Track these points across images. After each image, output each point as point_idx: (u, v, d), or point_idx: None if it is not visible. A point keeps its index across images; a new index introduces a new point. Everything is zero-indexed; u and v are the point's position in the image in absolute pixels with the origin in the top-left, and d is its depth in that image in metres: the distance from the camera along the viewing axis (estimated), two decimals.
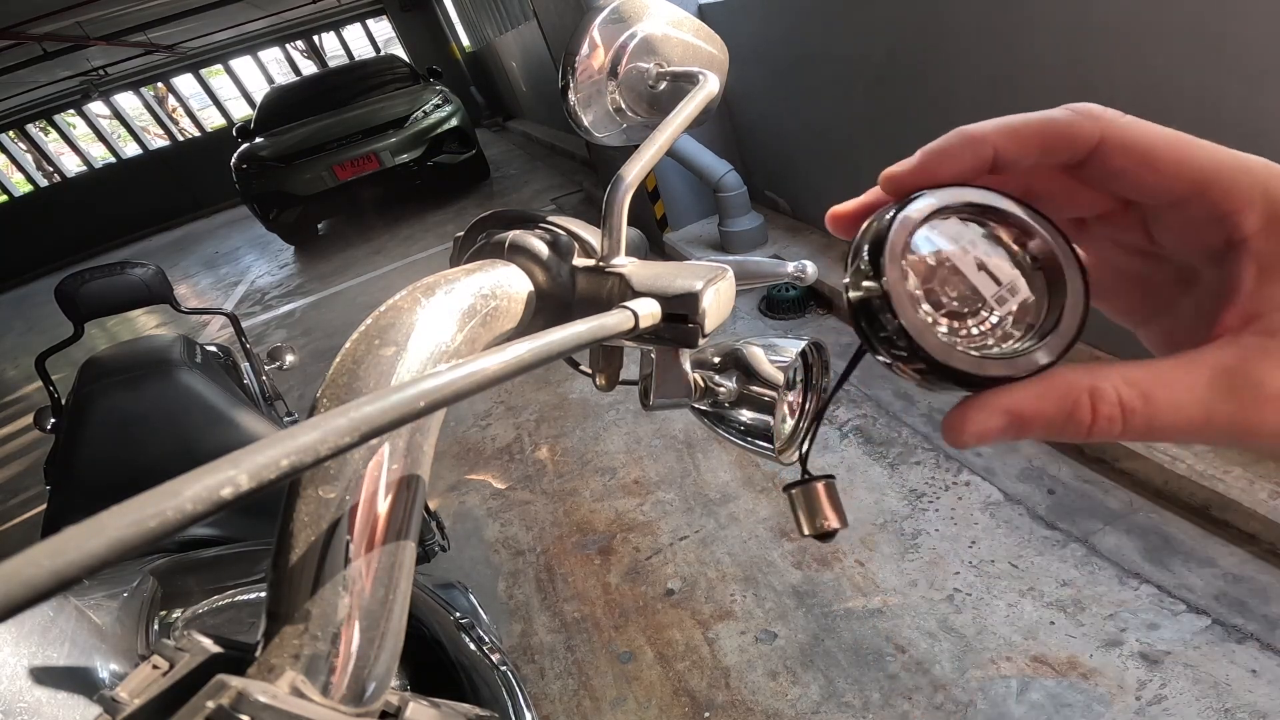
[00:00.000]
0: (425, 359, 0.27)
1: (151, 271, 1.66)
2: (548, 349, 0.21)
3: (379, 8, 11.54)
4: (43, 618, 0.41)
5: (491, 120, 10.50)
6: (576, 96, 0.37)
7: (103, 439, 1.13)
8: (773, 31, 2.65)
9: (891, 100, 2.17)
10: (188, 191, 11.41)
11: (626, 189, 0.32)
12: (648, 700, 1.45)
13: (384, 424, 0.16)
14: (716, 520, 1.82)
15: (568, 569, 1.84)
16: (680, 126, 0.34)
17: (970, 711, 1.25)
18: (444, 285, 0.30)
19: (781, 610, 1.54)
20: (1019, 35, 1.60)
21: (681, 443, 2.15)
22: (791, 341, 0.34)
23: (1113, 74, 1.42)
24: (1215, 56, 1.22)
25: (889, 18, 2.01)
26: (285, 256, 6.62)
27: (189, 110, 11.99)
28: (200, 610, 0.56)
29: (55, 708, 0.36)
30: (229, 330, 3.98)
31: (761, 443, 0.34)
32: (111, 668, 0.42)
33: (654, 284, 0.30)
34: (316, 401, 0.26)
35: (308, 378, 3.52)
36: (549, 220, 0.35)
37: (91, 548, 0.12)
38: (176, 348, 1.32)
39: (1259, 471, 1.37)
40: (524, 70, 7.70)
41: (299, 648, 0.22)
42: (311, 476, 0.24)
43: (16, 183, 11.36)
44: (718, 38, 0.43)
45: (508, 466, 2.35)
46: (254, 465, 0.14)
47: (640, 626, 1.61)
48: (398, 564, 0.24)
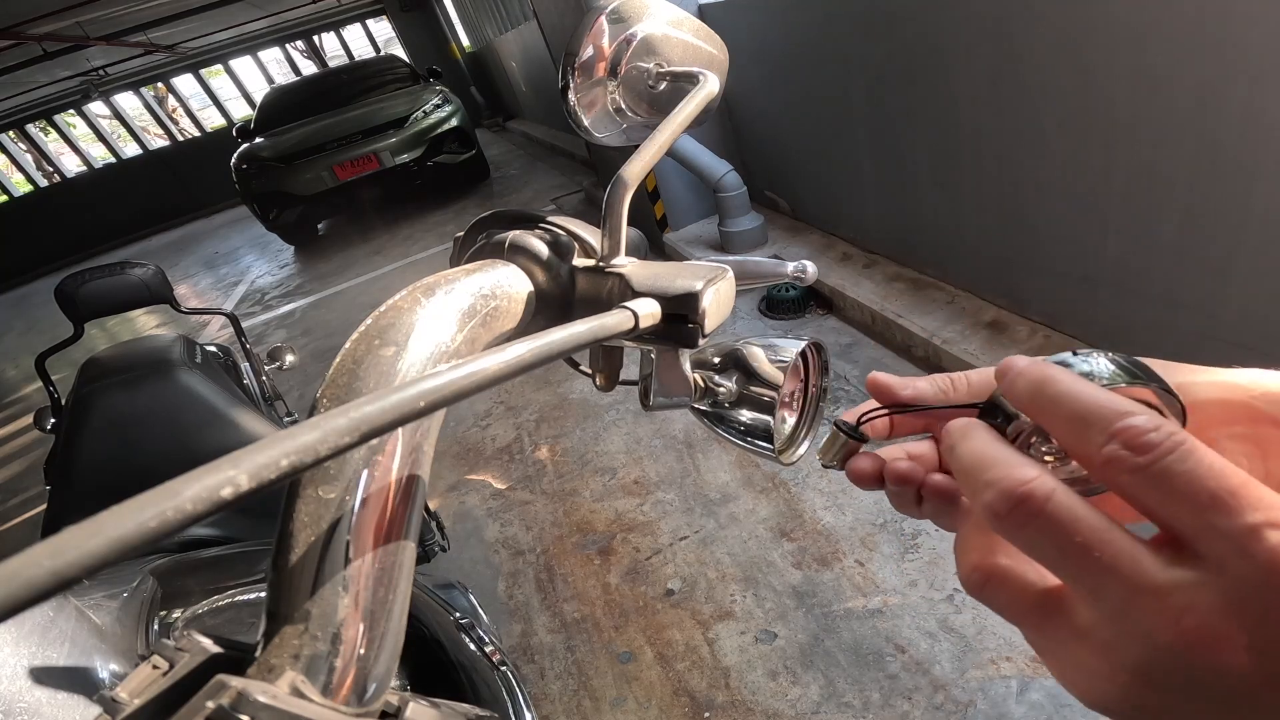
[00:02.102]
0: (425, 359, 0.27)
1: (151, 271, 1.65)
2: (548, 349, 0.21)
3: (379, 8, 11.54)
4: (43, 618, 0.41)
5: (491, 120, 10.50)
6: (576, 96, 0.37)
7: (103, 439, 1.13)
8: (773, 31, 2.65)
9: (891, 100, 2.17)
10: (188, 191, 11.40)
11: (626, 189, 0.32)
12: (648, 700, 1.45)
13: (384, 424, 0.16)
14: (716, 520, 1.82)
15: (568, 569, 1.84)
16: (680, 126, 0.34)
17: (970, 711, 1.25)
18: (444, 285, 0.30)
19: (781, 610, 1.54)
20: (1019, 35, 1.60)
21: (681, 443, 2.15)
22: (791, 341, 0.34)
23: (1113, 74, 1.42)
24: (1215, 56, 1.22)
25: (889, 18, 2.01)
26: (285, 256, 6.62)
27: (189, 110, 11.98)
28: (200, 610, 0.56)
29: (55, 708, 0.36)
30: (229, 330, 3.98)
31: (761, 443, 0.34)
32: (111, 668, 0.42)
33: (654, 284, 0.30)
34: (316, 401, 0.26)
35: (308, 378, 3.52)
36: (549, 220, 0.35)
37: (91, 548, 0.12)
38: (176, 348, 1.32)
39: None
40: (524, 70, 7.70)
41: (299, 648, 0.22)
42: (311, 476, 0.24)
43: (16, 183, 11.35)
44: (718, 38, 0.43)
45: (508, 466, 2.35)
46: (254, 465, 0.14)
47: (640, 626, 1.61)
48: (398, 564, 0.24)
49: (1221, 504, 0.16)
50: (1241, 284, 1.37)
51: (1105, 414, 0.18)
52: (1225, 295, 1.41)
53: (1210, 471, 0.17)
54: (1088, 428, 0.19)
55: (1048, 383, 0.20)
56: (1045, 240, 1.81)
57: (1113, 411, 0.18)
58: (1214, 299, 1.44)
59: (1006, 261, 2.00)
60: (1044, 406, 0.20)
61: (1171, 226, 1.45)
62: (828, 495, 1.77)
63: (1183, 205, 1.40)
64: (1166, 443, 0.17)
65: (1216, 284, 1.42)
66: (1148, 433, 0.17)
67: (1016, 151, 1.77)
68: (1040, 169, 1.72)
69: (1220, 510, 0.16)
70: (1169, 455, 0.17)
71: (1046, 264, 1.84)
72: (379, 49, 12.07)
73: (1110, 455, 0.18)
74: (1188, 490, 0.17)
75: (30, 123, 10.97)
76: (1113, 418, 0.18)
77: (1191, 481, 0.17)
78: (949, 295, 2.27)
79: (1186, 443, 0.17)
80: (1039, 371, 0.21)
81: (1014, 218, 1.89)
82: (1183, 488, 0.17)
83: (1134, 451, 0.17)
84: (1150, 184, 1.45)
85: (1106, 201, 1.57)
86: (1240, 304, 1.39)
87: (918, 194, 2.26)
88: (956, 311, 2.18)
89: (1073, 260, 1.75)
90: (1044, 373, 0.20)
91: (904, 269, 2.51)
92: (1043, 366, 0.21)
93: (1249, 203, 1.28)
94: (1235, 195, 1.29)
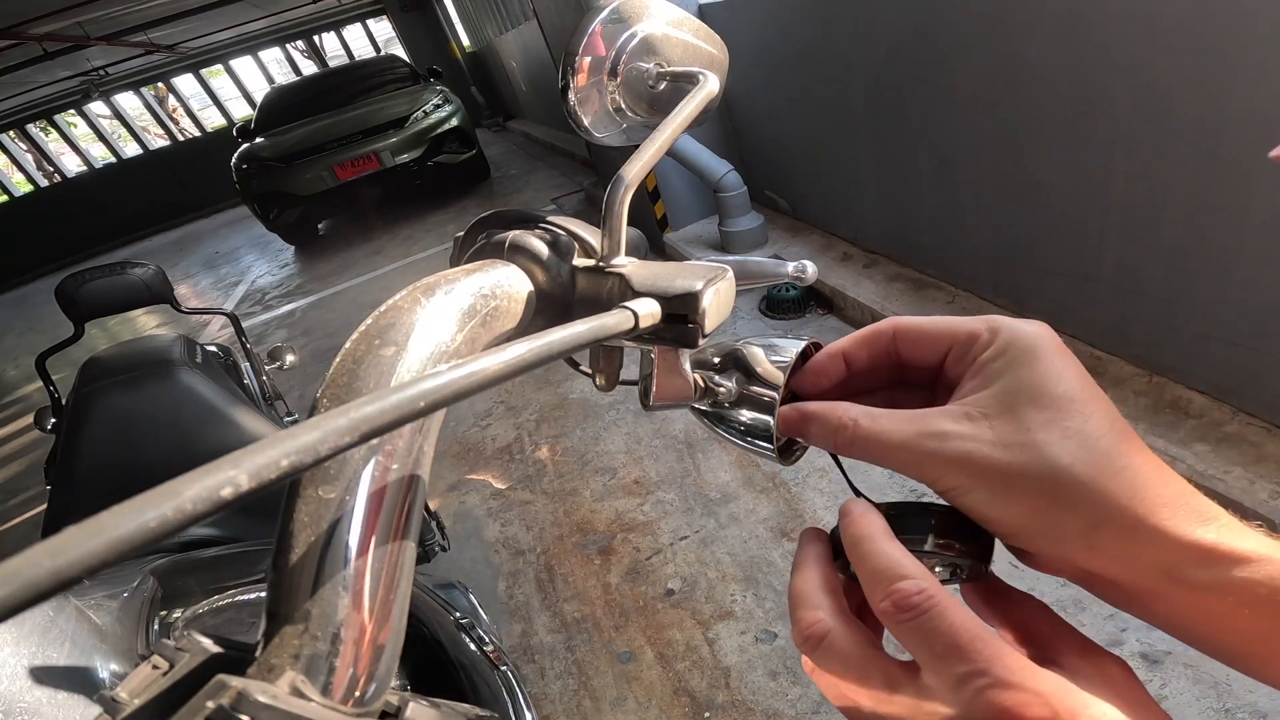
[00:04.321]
0: (425, 359, 0.27)
1: (151, 271, 1.66)
2: (548, 349, 0.21)
3: (379, 8, 11.54)
4: (43, 618, 0.41)
5: (491, 120, 10.50)
6: (576, 96, 0.37)
7: (103, 439, 1.13)
8: (772, 31, 2.65)
9: (891, 100, 2.17)
10: (188, 191, 11.41)
11: (626, 189, 0.32)
12: (648, 700, 1.45)
13: (384, 424, 0.16)
14: (717, 520, 1.83)
15: (568, 569, 1.84)
16: (680, 126, 0.34)
17: None
18: (444, 285, 0.30)
19: (782, 610, 1.54)
20: (1017, 35, 1.60)
21: (681, 443, 2.15)
22: (791, 341, 0.34)
23: (1112, 73, 1.42)
24: (1215, 56, 1.22)
25: (888, 18, 2.01)
26: (285, 256, 6.62)
27: (189, 110, 11.99)
28: (200, 610, 0.56)
29: (55, 708, 0.36)
30: (229, 330, 3.99)
31: (761, 443, 0.34)
32: (111, 668, 0.42)
33: (654, 284, 0.30)
34: (316, 401, 0.26)
35: (308, 378, 3.52)
36: (549, 220, 0.35)
37: (91, 548, 0.12)
38: (176, 348, 1.32)
39: (1259, 471, 1.37)
40: (524, 70, 7.70)
41: (299, 648, 0.22)
42: (311, 476, 0.24)
43: (16, 183, 11.36)
44: (718, 38, 0.43)
45: (508, 466, 2.36)
46: (254, 465, 0.14)
47: (640, 626, 1.61)
48: (398, 564, 0.24)
49: (950, 655, 0.22)
50: (1241, 284, 1.37)
51: (887, 576, 0.24)
52: (1225, 295, 1.41)
53: (949, 629, 0.22)
54: (875, 584, 0.24)
55: (861, 541, 0.26)
56: (1045, 240, 1.81)
57: (892, 575, 0.24)
58: (1214, 299, 1.44)
59: (1006, 261, 2.00)
60: (856, 559, 0.26)
61: (1171, 226, 1.45)
62: (828, 495, 1.77)
63: (1183, 205, 1.40)
64: (922, 605, 0.22)
65: (1216, 284, 1.42)
66: (909, 595, 0.23)
67: (1016, 151, 1.77)
68: (1040, 169, 1.72)
69: (946, 657, 0.22)
70: (921, 615, 0.22)
71: (1046, 264, 1.84)
72: (379, 49, 12.07)
73: (883, 609, 0.23)
74: (928, 642, 0.22)
75: (30, 123, 10.98)
76: (890, 580, 0.23)
77: (932, 636, 0.22)
78: (949, 295, 2.27)
79: (937, 607, 0.22)
80: (861, 530, 0.26)
81: (1014, 218, 1.89)
82: (926, 639, 0.22)
83: (897, 609, 0.23)
84: (1150, 184, 1.45)
85: (1106, 201, 1.57)
86: (1240, 304, 1.39)
87: (918, 194, 2.26)
88: (956, 311, 2.18)
89: (1073, 260, 1.75)
90: (863, 532, 0.26)
91: (904, 269, 2.51)
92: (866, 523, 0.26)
93: (1249, 203, 1.28)
94: (1235, 195, 1.29)
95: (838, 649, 0.24)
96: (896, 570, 0.24)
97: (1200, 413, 1.54)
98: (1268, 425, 1.44)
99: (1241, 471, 1.38)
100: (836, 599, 0.26)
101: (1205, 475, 1.40)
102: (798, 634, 0.25)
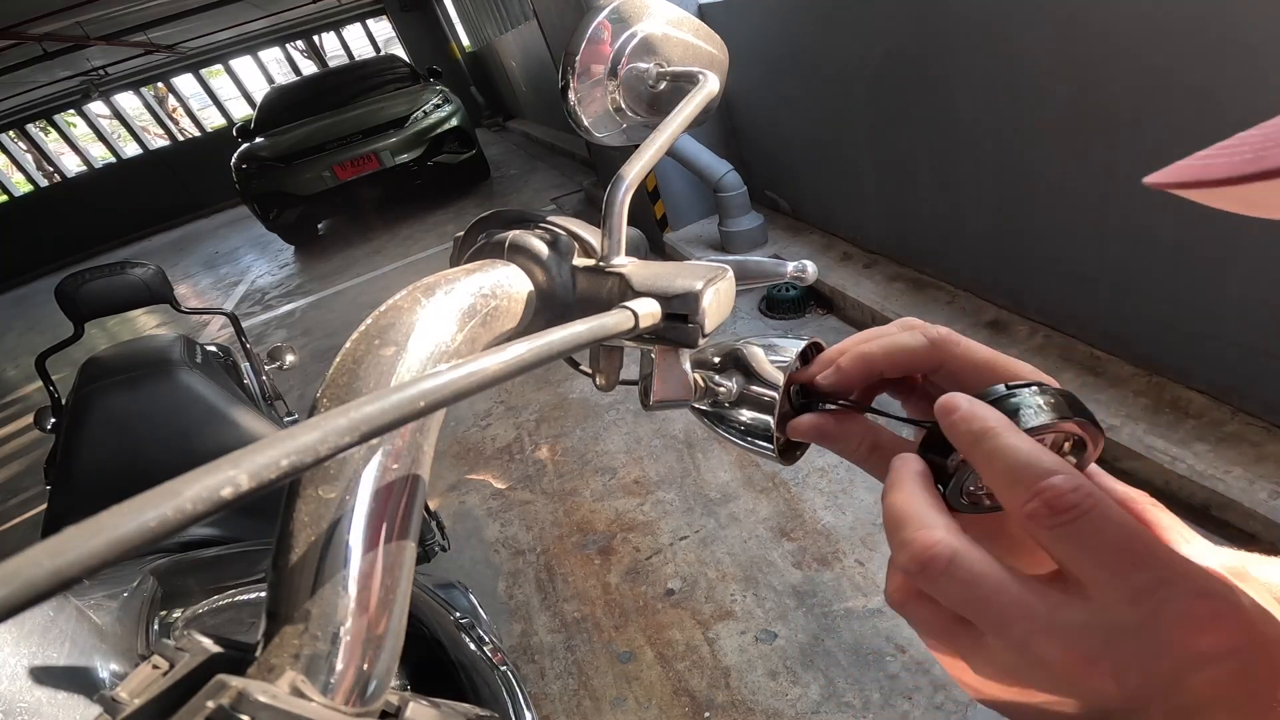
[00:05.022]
0: (425, 359, 0.27)
1: (151, 271, 1.66)
2: (548, 349, 0.21)
3: (379, 8, 11.53)
4: (43, 618, 0.41)
5: (491, 120, 10.49)
6: (576, 96, 0.37)
7: (103, 439, 1.13)
8: (772, 31, 2.65)
9: (891, 100, 2.17)
10: (188, 191, 11.40)
11: (626, 189, 0.32)
12: (648, 700, 1.45)
13: (384, 424, 0.16)
14: (717, 520, 1.82)
15: (568, 569, 1.84)
16: (680, 126, 0.34)
17: (971, 711, 1.25)
18: (444, 285, 0.30)
19: (782, 610, 1.54)
20: (1018, 35, 1.60)
21: (681, 443, 2.15)
22: (791, 341, 0.34)
23: (1112, 74, 1.42)
24: (1215, 56, 1.22)
25: (888, 18, 2.01)
26: (285, 256, 6.62)
27: (189, 110, 11.98)
28: (200, 610, 0.56)
29: (55, 708, 0.36)
30: (229, 330, 3.98)
31: (761, 443, 0.34)
32: (111, 668, 0.42)
33: (654, 284, 0.30)
34: (316, 401, 0.26)
35: (308, 378, 3.52)
36: (549, 220, 0.35)
37: (91, 548, 0.12)
38: (176, 348, 1.32)
39: (1259, 471, 1.37)
40: (524, 70, 7.69)
41: (299, 648, 0.22)
42: (311, 476, 0.24)
43: (16, 183, 11.35)
44: (718, 38, 0.43)
45: (508, 466, 2.35)
46: (254, 465, 0.14)
47: (640, 626, 1.61)
48: (398, 564, 0.24)
49: (1122, 560, 0.19)
50: (1241, 284, 1.37)
51: (1031, 474, 0.21)
52: (1225, 295, 1.41)
53: (1116, 531, 0.19)
54: (1015, 484, 0.21)
55: (984, 437, 0.22)
56: (1045, 240, 1.81)
57: (1037, 471, 0.20)
58: (1214, 299, 1.44)
59: (1006, 261, 2.00)
60: (979, 458, 0.22)
61: (1171, 226, 1.45)
62: (828, 495, 1.77)
63: (1182, 205, 1.40)
64: (1082, 504, 0.20)
65: (1216, 284, 1.42)
66: (1065, 494, 0.20)
67: (1016, 151, 1.77)
68: (1040, 169, 1.72)
69: (1119, 566, 0.19)
70: (1081, 517, 0.19)
71: (1046, 264, 1.84)
72: (379, 49, 12.06)
73: (1031, 511, 0.20)
74: (1094, 546, 0.19)
75: (30, 123, 10.97)
76: (1036, 477, 0.20)
77: (1098, 539, 0.19)
78: (949, 295, 2.27)
79: (1099, 506, 0.20)
80: (979, 424, 0.23)
81: (1014, 218, 1.89)
82: (1090, 544, 0.19)
83: (1051, 511, 0.20)
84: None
85: (1106, 202, 1.57)
86: (1240, 304, 1.39)
87: (918, 194, 2.25)
88: (957, 311, 2.18)
89: (1073, 260, 1.75)
90: (983, 426, 0.23)
91: (904, 269, 2.51)
92: (982, 417, 0.23)
93: None
94: None
95: (964, 571, 0.21)
96: (1041, 465, 0.20)
97: (1200, 413, 1.54)
98: (1268, 425, 1.44)
99: (1241, 471, 1.38)
100: (949, 517, 0.23)
101: (1205, 475, 1.40)
102: (910, 558, 0.21)
